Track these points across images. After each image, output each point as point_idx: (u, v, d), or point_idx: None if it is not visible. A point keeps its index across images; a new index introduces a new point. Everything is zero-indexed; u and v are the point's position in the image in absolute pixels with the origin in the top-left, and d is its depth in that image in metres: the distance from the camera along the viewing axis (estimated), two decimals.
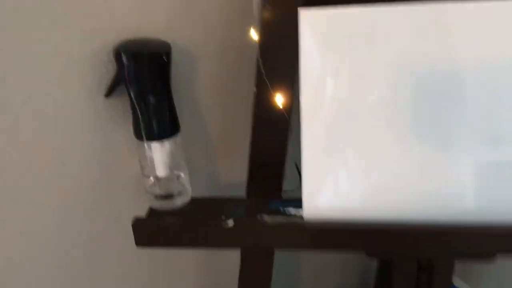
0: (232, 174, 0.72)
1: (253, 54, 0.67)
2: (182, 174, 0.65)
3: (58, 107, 0.57)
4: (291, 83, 0.58)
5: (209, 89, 0.67)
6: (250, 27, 0.65)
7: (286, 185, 0.66)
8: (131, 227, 0.60)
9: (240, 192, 0.66)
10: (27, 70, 0.53)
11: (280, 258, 0.69)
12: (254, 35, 0.55)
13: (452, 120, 0.53)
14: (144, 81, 0.57)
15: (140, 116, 0.59)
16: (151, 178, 0.63)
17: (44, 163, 0.59)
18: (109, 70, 0.58)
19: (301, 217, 0.59)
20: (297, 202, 0.61)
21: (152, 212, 0.63)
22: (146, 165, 0.63)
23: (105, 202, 0.67)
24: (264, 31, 0.55)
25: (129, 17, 0.57)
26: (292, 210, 0.61)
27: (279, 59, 0.56)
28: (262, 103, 0.60)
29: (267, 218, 0.60)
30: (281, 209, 0.62)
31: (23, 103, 0.55)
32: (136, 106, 0.58)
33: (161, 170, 0.63)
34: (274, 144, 0.62)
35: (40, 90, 0.55)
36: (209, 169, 0.73)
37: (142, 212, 0.64)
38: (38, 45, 0.53)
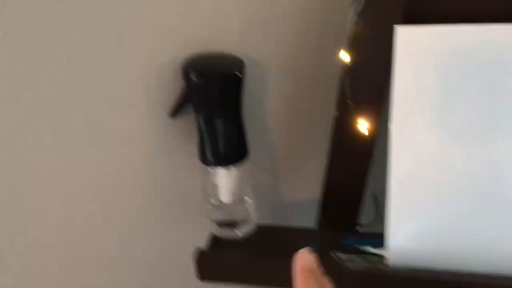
0: (299, 199, 0.66)
1: (332, 73, 0.61)
2: (247, 199, 0.60)
3: (120, 127, 0.53)
4: (378, 108, 0.51)
5: (280, 107, 0.61)
6: (333, 43, 0.59)
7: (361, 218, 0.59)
8: (190, 253, 0.55)
9: (306, 219, 0.60)
10: (89, 88, 0.49)
11: None
12: (343, 55, 0.48)
13: None
14: (213, 102, 0.51)
15: (206, 139, 0.53)
16: (214, 203, 0.58)
17: (104, 185, 0.55)
18: (175, 87, 0.53)
19: (382, 258, 0.52)
20: (375, 239, 0.55)
21: (215, 241, 0.58)
22: (209, 189, 0.58)
23: (164, 226, 0.63)
24: (354, 49, 0.48)
25: (199, 30, 0.51)
26: (370, 249, 0.55)
27: (367, 80, 0.50)
28: (342, 128, 0.53)
29: (343, 258, 0.53)
30: (358, 246, 0.55)
31: (85, 125, 0.50)
32: (203, 128, 0.53)
33: (225, 196, 0.57)
34: (353, 172, 0.56)
35: (102, 109, 0.51)
36: (274, 192, 0.67)
37: (202, 236, 0.59)
38: (102, 61, 0.48)
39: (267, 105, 0.61)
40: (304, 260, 0.39)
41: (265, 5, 0.53)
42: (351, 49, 0.47)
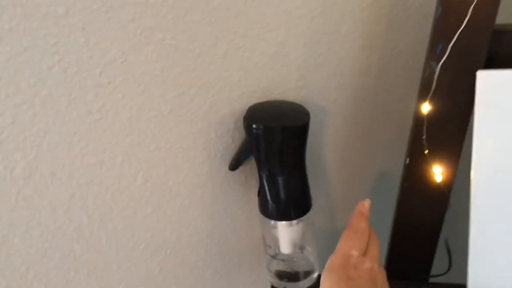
0: None
1: (394, 115, 0.58)
2: (309, 248, 0.56)
3: (179, 182, 0.50)
4: (456, 155, 0.48)
5: (340, 152, 0.58)
6: (394, 82, 0.56)
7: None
8: None
9: None
10: (150, 142, 0.46)
11: None
12: (422, 105, 0.45)
13: None
14: (277, 156, 0.48)
15: (268, 192, 0.50)
16: (274, 254, 0.55)
17: (161, 237, 0.52)
18: (235, 139, 0.50)
19: None
20: None
21: None
22: (269, 241, 0.55)
23: (222, 278, 0.60)
24: (434, 98, 0.44)
25: (259, 79, 0.48)
26: None
27: (447, 129, 0.46)
28: (415, 176, 0.50)
29: None
30: None
31: (145, 183, 0.48)
32: (265, 181, 0.50)
33: (286, 248, 0.54)
34: (425, 222, 0.53)
35: (163, 164, 0.48)
36: (335, 240, 0.63)
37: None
38: (164, 117, 0.45)
39: (327, 150, 0.57)
40: (364, 208, 0.46)
41: (323, 49, 0.50)
42: (430, 98, 0.44)
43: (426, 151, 0.47)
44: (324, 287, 0.41)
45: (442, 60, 0.41)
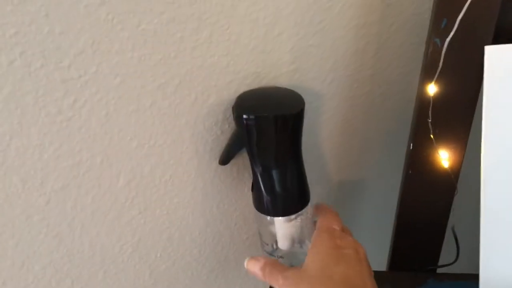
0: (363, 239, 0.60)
1: (393, 97, 0.54)
2: (308, 242, 0.53)
3: (166, 180, 0.46)
4: (464, 139, 0.44)
5: (338, 139, 0.54)
6: (393, 63, 0.52)
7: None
8: None
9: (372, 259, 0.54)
10: (132, 139, 0.42)
11: None
12: (428, 87, 0.41)
13: None
14: (270, 147, 0.44)
15: (263, 187, 0.46)
16: (272, 250, 0.52)
17: (150, 239, 0.49)
18: (224, 131, 0.46)
19: None
20: (459, 284, 0.49)
21: None
22: (266, 237, 0.51)
23: (216, 277, 0.56)
24: (440, 78, 0.41)
25: (249, 65, 0.44)
26: None
27: (454, 111, 0.43)
28: (419, 162, 0.47)
29: None
30: None
31: (128, 183, 0.44)
32: (259, 176, 0.46)
33: (284, 244, 0.51)
34: (431, 210, 0.50)
35: (147, 162, 0.44)
36: None
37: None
38: (145, 111, 0.41)
39: (324, 137, 0.54)
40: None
41: (317, 29, 0.46)
42: (436, 78, 0.40)
43: (432, 135, 0.44)
44: (311, 257, 0.42)
45: (450, 36, 0.37)
